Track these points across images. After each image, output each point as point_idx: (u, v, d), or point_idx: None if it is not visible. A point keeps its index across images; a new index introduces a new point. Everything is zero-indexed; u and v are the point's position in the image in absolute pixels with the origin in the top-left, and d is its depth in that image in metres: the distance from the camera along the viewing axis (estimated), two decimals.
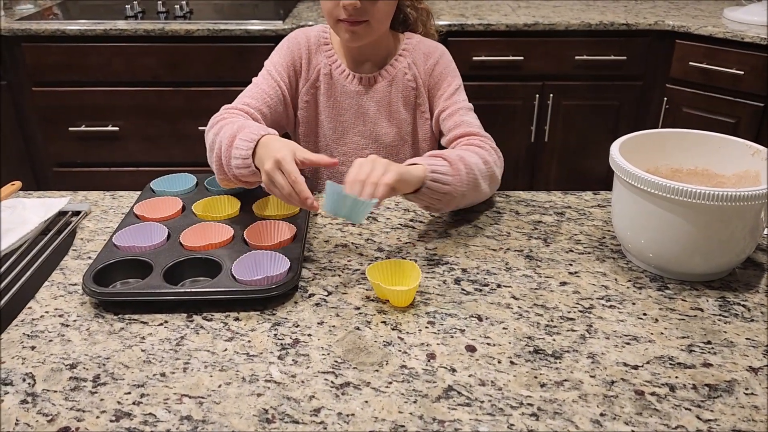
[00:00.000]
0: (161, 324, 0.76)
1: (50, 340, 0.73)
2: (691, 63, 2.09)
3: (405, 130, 1.16)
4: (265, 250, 0.85)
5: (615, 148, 0.86)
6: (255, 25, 2.06)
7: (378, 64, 1.14)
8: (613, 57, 2.15)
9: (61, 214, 1.00)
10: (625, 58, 2.16)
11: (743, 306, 0.79)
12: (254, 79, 1.13)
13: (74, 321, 0.76)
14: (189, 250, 0.86)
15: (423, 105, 1.15)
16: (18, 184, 1.02)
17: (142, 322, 0.76)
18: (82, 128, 2.16)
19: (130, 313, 0.77)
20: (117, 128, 2.16)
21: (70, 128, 2.17)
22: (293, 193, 0.81)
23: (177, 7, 2.19)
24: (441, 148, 1.14)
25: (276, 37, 2.06)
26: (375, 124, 1.15)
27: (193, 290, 0.78)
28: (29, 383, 0.67)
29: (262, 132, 0.89)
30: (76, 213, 1.01)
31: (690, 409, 0.63)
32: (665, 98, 2.17)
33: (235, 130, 0.92)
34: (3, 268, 0.85)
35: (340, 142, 1.17)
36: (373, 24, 1.04)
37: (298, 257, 0.84)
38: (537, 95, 2.19)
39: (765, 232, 0.91)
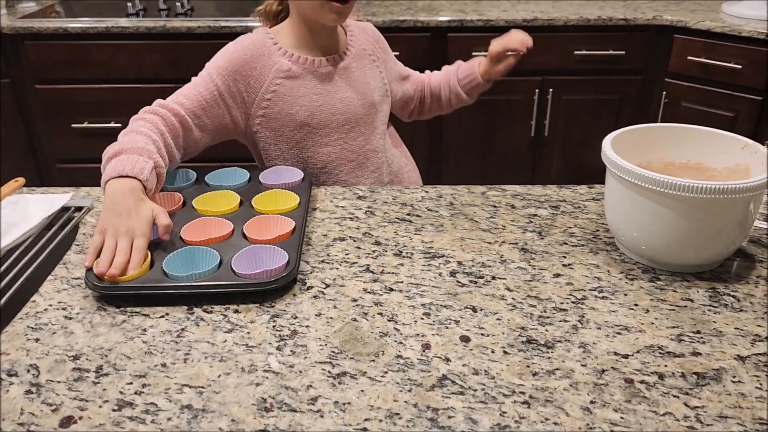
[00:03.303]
0: (162, 316, 0.77)
1: (54, 333, 0.75)
2: (689, 57, 2.10)
3: (377, 100, 1.25)
4: (264, 245, 0.86)
5: (607, 142, 0.87)
6: (256, 22, 2.07)
7: (335, 47, 1.22)
8: (612, 52, 2.17)
9: (64, 209, 1.02)
10: (624, 52, 2.17)
11: (732, 296, 0.80)
12: (193, 79, 1.14)
13: (77, 314, 0.78)
14: (189, 245, 0.87)
15: (382, 70, 1.29)
16: (21, 180, 1.04)
17: (143, 314, 0.78)
18: (85, 125, 2.18)
19: (131, 306, 0.79)
20: (119, 125, 2.18)
21: (73, 125, 2.19)
22: (125, 262, 0.82)
23: (178, 4, 2.20)
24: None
25: None
26: (352, 99, 1.21)
27: (193, 284, 0.80)
28: (33, 374, 0.68)
29: (125, 173, 0.90)
30: (79, 209, 1.03)
31: (678, 397, 0.65)
32: (664, 92, 2.18)
33: (122, 147, 0.96)
34: (7, 263, 0.87)
35: (320, 127, 1.18)
36: (352, 4, 1.13)
37: (296, 251, 0.85)
38: (537, 90, 2.20)
39: (755, 224, 0.92)
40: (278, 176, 1.07)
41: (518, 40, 1.29)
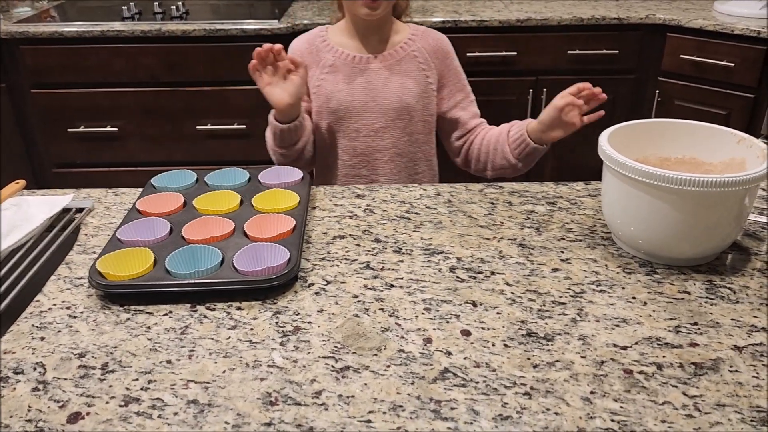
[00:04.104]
0: (166, 314, 0.78)
1: (59, 331, 0.75)
2: (682, 56, 2.12)
3: (414, 106, 1.29)
4: (266, 242, 0.87)
5: (604, 138, 0.88)
6: (251, 25, 2.09)
7: (383, 41, 1.28)
8: (605, 51, 2.18)
9: (65, 211, 1.03)
10: (617, 52, 2.18)
11: (729, 288, 0.82)
12: None
13: (81, 312, 0.79)
14: (191, 244, 0.88)
15: (432, 81, 1.30)
16: (22, 182, 1.05)
17: (147, 312, 0.79)
18: (81, 129, 2.19)
19: (135, 305, 0.80)
20: (116, 129, 2.18)
21: (69, 129, 2.19)
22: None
23: (173, 7, 2.21)
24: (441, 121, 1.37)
25: (272, 37, 2.09)
26: (385, 99, 1.27)
27: (196, 281, 0.80)
28: (40, 372, 0.69)
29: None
30: (80, 210, 1.03)
31: (677, 386, 0.66)
32: (657, 91, 2.20)
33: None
34: (9, 264, 0.88)
35: (353, 120, 1.29)
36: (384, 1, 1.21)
37: (297, 248, 0.86)
38: (531, 90, 2.22)
39: (750, 218, 0.94)
40: (277, 176, 1.08)
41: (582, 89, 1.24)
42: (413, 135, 1.32)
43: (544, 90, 2.23)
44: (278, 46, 1.13)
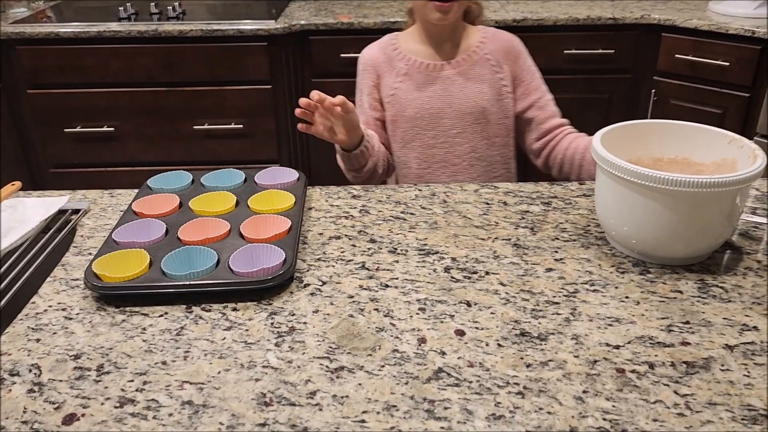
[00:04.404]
0: (161, 315, 0.78)
1: (54, 333, 0.76)
2: (677, 55, 2.12)
3: (489, 110, 1.29)
4: (261, 243, 0.87)
5: (597, 139, 0.89)
6: (248, 25, 2.09)
7: (455, 47, 1.28)
8: (601, 51, 2.19)
9: (61, 212, 1.03)
10: (613, 51, 2.19)
11: (721, 288, 0.82)
12: (358, 95, 1.36)
13: (77, 314, 0.79)
14: (187, 245, 0.88)
15: (507, 83, 1.30)
16: (18, 184, 1.05)
17: (142, 314, 0.79)
18: (78, 129, 2.19)
19: (131, 306, 0.80)
20: (113, 129, 2.18)
21: (66, 129, 2.19)
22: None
23: (170, 8, 2.21)
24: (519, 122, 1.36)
25: (269, 37, 2.09)
26: (462, 105, 1.27)
27: (191, 282, 0.81)
28: (35, 373, 0.69)
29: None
30: (76, 211, 1.04)
31: (668, 385, 0.66)
32: (653, 91, 2.21)
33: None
34: (5, 266, 0.88)
35: (430, 127, 1.29)
36: (455, 5, 1.20)
37: (293, 249, 0.87)
38: None
39: (742, 217, 0.94)
40: (273, 177, 1.08)
41: None
42: (491, 138, 1.31)
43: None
44: (318, 97, 1.11)
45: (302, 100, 1.11)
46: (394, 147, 1.34)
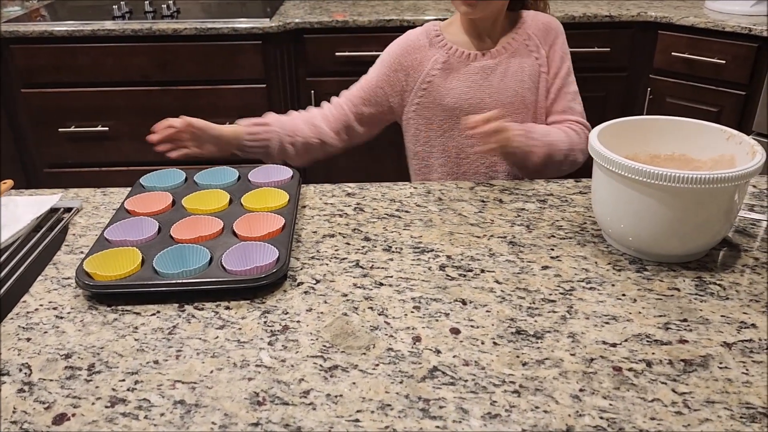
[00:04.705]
0: (154, 314, 0.78)
1: (45, 332, 0.75)
2: (674, 53, 2.12)
3: (529, 98, 1.25)
4: (254, 241, 0.86)
5: (593, 135, 0.88)
6: (242, 23, 2.08)
7: (496, 40, 1.25)
8: (597, 49, 2.18)
9: (53, 211, 1.02)
10: (609, 49, 2.18)
11: (719, 285, 0.82)
12: (362, 76, 1.29)
13: (68, 313, 0.78)
14: (179, 243, 0.87)
15: (543, 67, 1.25)
16: (10, 182, 1.04)
17: (134, 312, 0.78)
18: (72, 129, 2.17)
19: (123, 305, 0.79)
20: (107, 128, 2.17)
21: (60, 129, 2.18)
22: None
23: (164, 6, 2.20)
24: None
25: (263, 35, 2.08)
26: (501, 94, 1.24)
27: (184, 281, 0.80)
28: (26, 373, 0.68)
29: (243, 123, 1.20)
30: (68, 210, 1.03)
31: (666, 383, 0.66)
32: (649, 89, 2.20)
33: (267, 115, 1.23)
34: None
35: (468, 112, 1.24)
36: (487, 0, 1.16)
37: (286, 247, 0.86)
38: None
39: (740, 214, 0.94)
40: (267, 174, 1.07)
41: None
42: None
43: None
44: (161, 126, 1.13)
45: (152, 138, 1.11)
46: (425, 137, 1.29)
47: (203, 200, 0.99)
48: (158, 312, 0.78)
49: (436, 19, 1.36)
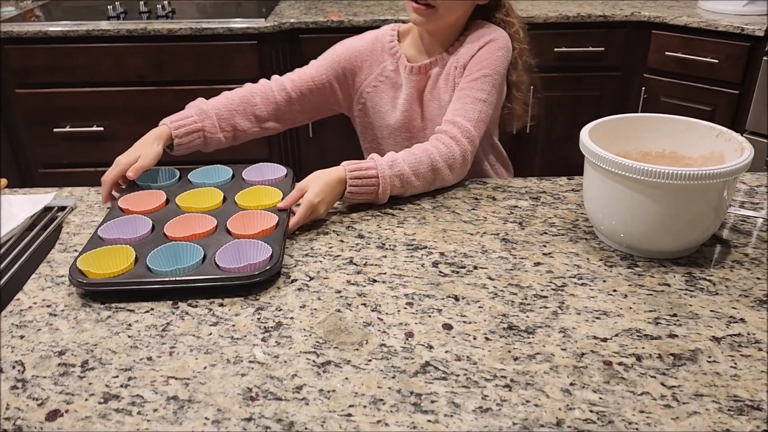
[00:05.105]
0: (147, 311, 0.78)
1: (39, 329, 0.75)
2: (667, 53, 2.13)
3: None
4: (248, 239, 0.87)
5: (585, 133, 0.89)
6: (237, 24, 2.08)
7: (440, 54, 1.19)
8: (591, 48, 2.19)
9: (47, 209, 1.02)
10: (603, 49, 2.20)
11: (708, 281, 0.82)
12: (312, 61, 1.25)
13: (62, 311, 0.78)
14: (173, 241, 0.88)
15: (459, 78, 1.17)
16: (4, 181, 1.04)
17: (128, 310, 0.78)
18: (67, 129, 2.17)
19: (116, 302, 0.79)
20: (102, 128, 2.17)
21: (55, 129, 2.17)
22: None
23: (159, 6, 2.20)
24: None
25: (258, 35, 2.09)
26: (430, 108, 1.21)
27: (177, 278, 0.80)
28: (19, 370, 0.69)
29: (165, 122, 1.12)
30: (62, 208, 1.03)
31: (655, 377, 0.66)
32: (643, 88, 2.21)
33: (193, 104, 1.17)
34: None
35: (401, 130, 1.25)
36: (440, 11, 1.11)
37: (280, 245, 0.86)
38: None
39: (729, 211, 0.94)
40: (261, 173, 1.07)
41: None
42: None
43: (531, 87, 2.23)
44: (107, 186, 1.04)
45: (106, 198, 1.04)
46: (370, 137, 1.30)
47: (197, 198, 0.99)
48: (152, 309, 0.78)
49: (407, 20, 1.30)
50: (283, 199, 0.98)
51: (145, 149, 1.06)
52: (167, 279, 0.80)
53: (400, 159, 1.02)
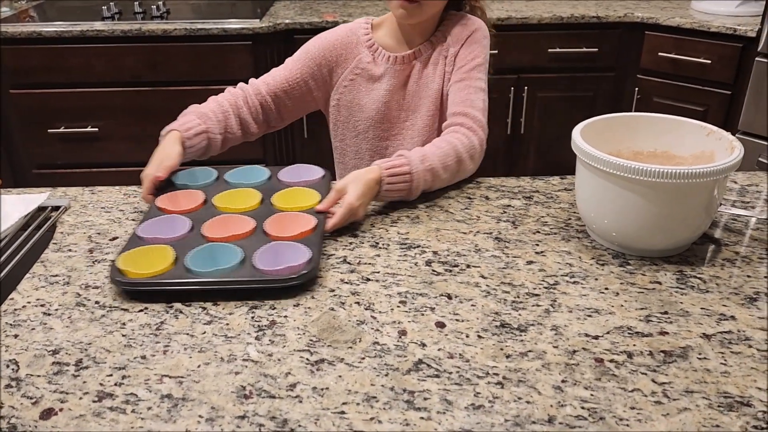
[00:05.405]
0: (141, 310, 0.78)
1: (33, 329, 0.75)
2: (660, 53, 2.14)
3: (443, 101, 1.20)
4: (286, 241, 0.87)
5: (576, 132, 0.89)
6: (232, 24, 2.08)
7: (418, 45, 1.20)
8: (585, 49, 2.20)
9: (41, 209, 1.02)
10: (596, 50, 2.21)
11: (699, 278, 0.83)
12: (287, 60, 1.24)
13: (56, 310, 0.78)
14: (211, 242, 0.87)
15: (449, 66, 1.19)
16: None
17: (122, 309, 0.78)
18: (62, 129, 2.17)
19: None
20: (96, 129, 2.17)
21: (50, 130, 2.17)
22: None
23: (154, 7, 2.20)
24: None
25: (253, 36, 2.09)
26: (415, 98, 1.21)
27: (217, 279, 0.80)
28: (13, 369, 0.69)
29: (172, 128, 1.09)
30: (56, 208, 1.03)
31: (646, 374, 0.67)
32: (636, 88, 2.22)
33: (187, 111, 1.14)
34: None
35: (381, 121, 1.24)
36: (424, 5, 1.12)
37: (318, 247, 0.86)
38: (512, 88, 2.23)
39: (720, 209, 0.95)
40: (297, 174, 1.07)
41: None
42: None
43: (525, 88, 2.24)
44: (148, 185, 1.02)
45: (148, 198, 1.01)
46: (342, 135, 1.28)
47: (234, 199, 0.98)
48: (146, 308, 0.78)
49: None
50: (320, 201, 0.97)
51: (167, 150, 1.05)
52: (207, 280, 0.80)
53: (429, 153, 1.03)
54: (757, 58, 1.95)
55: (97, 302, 0.80)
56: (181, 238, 0.89)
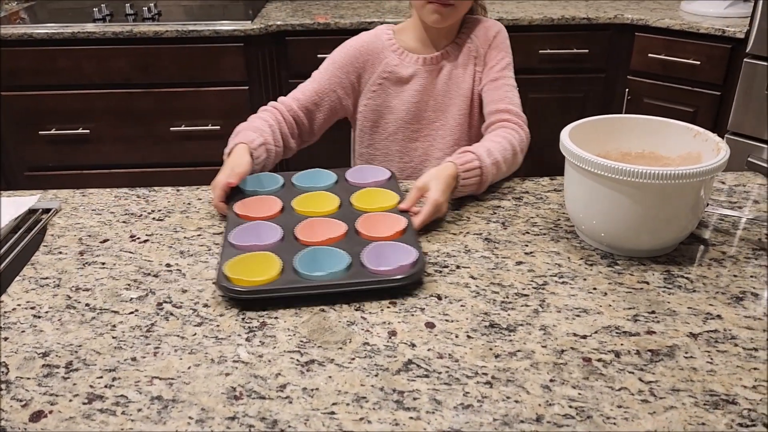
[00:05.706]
0: (131, 312, 0.78)
1: (23, 331, 0.75)
2: (650, 55, 2.15)
3: (473, 101, 1.25)
4: (388, 242, 0.87)
5: (565, 134, 0.90)
6: (224, 26, 2.08)
7: (445, 47, 1.24)
8: (575, 50, 2.21)
9: (32, 212, 1.02)
10: (587, 51, 2.22)
11: (686, 278, 0.84)
12: (313, 73, 1.26)
13: (46, 312, 0.78)
14: (309, 245, 0.87)
15: (480, 66, 1.25)
16: None
17: (112, 311, 0.79)
18: (53, 132, 2.17)
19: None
20: (88, 131, 2.16)
21: (41, 132, 2.17)
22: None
23: (145, 9, 2.20)
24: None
25: (245, 37, 2.09)
26: (446, 98, 1.25)
27: (330, 283, 0.80)
28: (2, 371, 0.69)
29: (238, 141, 1.08)
30: (47, 210, 1.03)
31: (633, 373, 0.67)
32: (627, 90, 2.24)
33: (239, 129, 1.14)
34: None
35: (411, 122, 1.26)
36: (457, 7, 1.16)
37: (418, 247, 0.86)
38: None
39: (707, 209, 0.96)
40: (363, 175, 1.07)
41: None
42: (473, 130, 1.28)
43: None
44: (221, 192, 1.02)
45: (220, 206, 1.01)
46: (369, 140, 1.30)
47: (313, 202, 0.98)
48: (136, 310, 0.79)
49: (393, 22, 1.33)
50: (400, 200, 0.98)
51: (238, 160, 1.04)
52: (321, 283, 0.80)
53: (492, 148, 1.06)
54: (745, 59, 1.97)
55: (87, 305, 0.80)
56: (277, 244, 0.88)
